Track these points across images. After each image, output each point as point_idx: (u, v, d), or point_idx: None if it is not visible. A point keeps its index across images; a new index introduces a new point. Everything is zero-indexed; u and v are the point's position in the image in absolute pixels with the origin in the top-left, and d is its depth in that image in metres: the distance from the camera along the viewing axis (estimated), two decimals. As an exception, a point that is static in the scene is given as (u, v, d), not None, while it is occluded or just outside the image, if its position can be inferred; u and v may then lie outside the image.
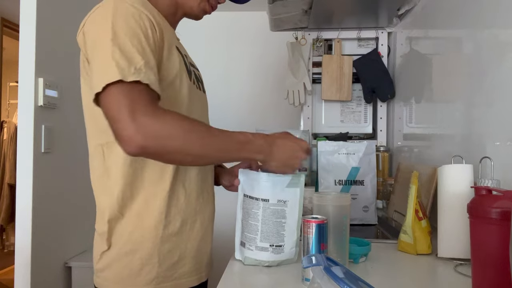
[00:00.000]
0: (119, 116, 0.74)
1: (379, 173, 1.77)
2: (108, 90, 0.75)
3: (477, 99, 1.13)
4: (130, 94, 0.75)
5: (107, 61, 0.76)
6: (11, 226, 3.88)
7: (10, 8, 3.18)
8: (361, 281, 0.61)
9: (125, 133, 0.73)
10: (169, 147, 0.76)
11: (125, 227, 0.88)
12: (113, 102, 0.75)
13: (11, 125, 3.98)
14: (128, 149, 0.75)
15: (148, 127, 0.74)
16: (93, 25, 0.83)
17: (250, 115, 2.65)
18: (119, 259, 0.88)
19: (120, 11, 0.81)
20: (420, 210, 1.04)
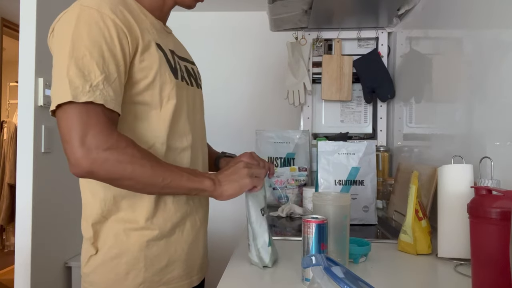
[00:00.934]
0: (69, 138, 0.73)
1: (379, 173, 1.77)
2: (62, 109, 0.75)
3: (477, 99, 1.13)
4: (82, 116, 0.74)
5: (61, 78, 0.75)
6: (11, 226, 3.88)
7: (10, 8, 3.18)
8: (361, 281, 0.61)
9: (73, 156, 0.73)
10: (117, 174, 0.76)
11: (110, 231, 0.87)
12: (64, 123, 0.74)
13: (11, 125, 3.98)
14: (75, 172, 0.75)
15: (97, 153, 0.73)
16: (57, 35, 0.81)
17: (250, 115, 2.65)
18: (105, 263, 0.87)
19: (83, 19, 0.78)
20: (420, 210, 1.04)
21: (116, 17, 0.80)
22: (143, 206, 0.87)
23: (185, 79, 0.95)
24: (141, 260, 0.86)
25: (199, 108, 1.03)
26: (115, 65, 0.78)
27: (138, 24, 0.84)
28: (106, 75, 0.76)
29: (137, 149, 0.79)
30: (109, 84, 0.77)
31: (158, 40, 0.89)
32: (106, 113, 0.76)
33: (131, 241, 0.86)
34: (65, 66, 0.75)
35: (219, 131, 2.33)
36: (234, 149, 2.24)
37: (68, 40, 0.77)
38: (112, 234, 0.86)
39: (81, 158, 0.73)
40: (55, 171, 1.79)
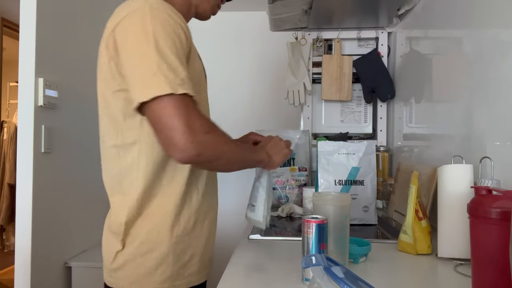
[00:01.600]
0: (175, 125, 0.78)
1: (379, 173, 1.77)
2: (160, 100, 0.78)
3: (477, 99, 1.13)
4: (182, 106, 0.79)
5: (153, 72, 0.79)
6: (11, 226, 3.88)
7: (10, 8, 3.18)
8: (361, 281, 0.61)
9: (180, 142, 0.78)
10: (217, 154, 0.86)
11: (142, 227, 0.90)
12: (167, 112, 0.78)
13: (11, 125, 3.98)
14: (183, 156, 0.79)
15: (201, 137, 0.80)
16: (129, 32, 0.83)
17: (250, 115, 2.65)
18: (134, 258, 0.90)
19: (156, 18, 0.81)
20: (420, 210, 1.04)
21: (181, 21, 0.86)
22: (172, 203, 0.91)
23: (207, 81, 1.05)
24: (170, 255, 0.91)
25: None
26: (185, 64, 0.84)
27: (188, 31, 0.91)
28: (186, 72, 0.82)
29: (226, 135, 0.90)
30: (189, 79, 0.82)
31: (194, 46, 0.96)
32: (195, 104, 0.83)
33: (162, 237, 0.90)
34: (154, 62, 0.79)
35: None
36: (234, 149, 2.24)
37: (150, 37, 0.80)
38: (145, 231, 0.90)
39: (190, 143, 0.78)
40: (55, 171, 1.79)
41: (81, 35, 2.02)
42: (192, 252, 0.95)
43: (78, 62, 2.00)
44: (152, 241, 0.90)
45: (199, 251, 0.97)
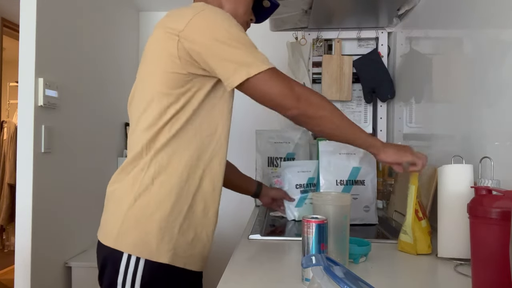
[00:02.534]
0: (283, 89, 0.93)
1: (379, 173, 1.76)
2: (265, 73, 0.92)
3: (477, 99, 1.13)
4: (280, 75, 0.94)
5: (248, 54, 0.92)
6: (11, 226, 3.88)
7: (10, 8, 3.18)
8: (361, 281, 0.61)
9: (292, 101, 0.93)
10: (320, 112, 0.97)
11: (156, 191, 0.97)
12: (274, 81, 0.93)
13: (11, 125, 3.98)
14: (292, 113, 0.95)
15: (306, 97, 0.95)
16: (204, 29, 0.93)
17: (250, 115, 2.64)
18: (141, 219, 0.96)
19: (224, 15, 0.95)
20: (420, 210, 1.04)
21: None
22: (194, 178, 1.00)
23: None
24: (176, 226, 0.97)
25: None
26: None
27: None
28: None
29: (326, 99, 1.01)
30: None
31: None
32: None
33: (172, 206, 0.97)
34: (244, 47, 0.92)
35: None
36: (234, 149, 2.23)
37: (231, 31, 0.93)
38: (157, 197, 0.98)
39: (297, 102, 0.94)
40: (55, 171, 1.79)
41: (81, 35, 2.02)
42: (195, 236, 0.99)
43: (78, 62, 2.00)
44: (165, 209, 0.95)
45: (201, 238, 1.01)
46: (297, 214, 1.47)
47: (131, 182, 0.97)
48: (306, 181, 1.51)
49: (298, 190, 1.49)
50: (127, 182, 0.98)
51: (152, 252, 0.94)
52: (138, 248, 0.94)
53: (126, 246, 0.94)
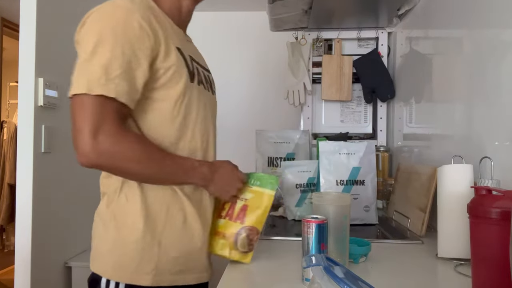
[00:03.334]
0: (81, 128, 0.78)
1: (379, 173, 1.77)
2: (78, 98, 0.80)
3: (477, 99, 1.13)
4: (96, 108, 0.79)
5: (82, 69, 0.81)
6: (11, 226, 3.88)
7: (10, 8, 3.18)
8: (361, 281, 0.61)
9: (82, 147, 0.78)
10: (122, 168, 0.83)
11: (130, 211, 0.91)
12: (78, 112, 0.80)
13: (11, 125, 3.98)
14: (82, 162, 0.80)
15: (105, 147, 0.79)
16: (86, 29, 0.86)
17: (250, 115, 2.65)
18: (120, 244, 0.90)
19: (113, 17, 0.83)
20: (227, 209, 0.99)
21: (142, 19, 0.85)
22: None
23: (203, 83, 1.00)
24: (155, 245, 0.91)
25: (212, 114, 1.07)
26: (136, 63, 0.83)
27: (162, 30, 0.89)
28: (123, 71, 0.81)
29: (143, 145, 0.85)
30: (125, 79, 0.81)
31: (178, 45, 0.94)
32: (117, 107, 0.81)
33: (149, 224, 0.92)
34: (87, 59, 0.81)
35: (219, 131, 2.32)
36: (234, 149, 2.23)
37: (95, 35, 0.82)
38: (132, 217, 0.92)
39: (90, 151, 0.78)
40: (55, 171, 1.79)
41: (81, 35, 2.02)
42: (182, 248, 0.92)
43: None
44: (138, 228, 0.88)
45: (192, 249, 0.93)
46: (297, 214, 1.47)
47: (105, 201, 0.92)
48: (306, 181, 1.51)
49: (298, 190, 1.49)
50: (103, 201, 0.93)
51: (132, 275, 0.87)
52: (117, 272, 0.88)
53: (105, 270, 0.90)
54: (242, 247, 0.94)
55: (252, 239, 0.94)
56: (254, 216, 0.95)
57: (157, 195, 0.90)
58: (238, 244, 0.94)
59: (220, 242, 0.96)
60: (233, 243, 0.94)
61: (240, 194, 0.99)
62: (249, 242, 0.94)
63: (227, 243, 0.95)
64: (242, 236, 0.94)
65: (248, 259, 0.95)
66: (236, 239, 0.94)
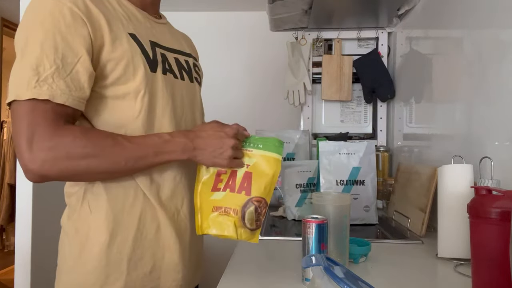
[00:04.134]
0: (17, 142, 0.70)
1: (379, 173, 1.77)
2: (11, 109, 0.72)
3: (477, 99, 1.13)
4: (28, 116, 0.70)
5: (13, 74, 0.73)
6: (11, 226, 3.88)
7: (10, 8, 3.18)
8: (361, 281, 0.61)
9: (22, 162, 0.70)
10: (72, 171, 0.73)
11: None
12: (13, 124, 0.71)
13: (11, 125, 3.98)
14: (28, 178, 0.72)
15: (45, 155, 0.70)
16: (17, 31, 0.77)
17: (250, 115, 2.64)
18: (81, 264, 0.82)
19: (39, 10, 0.74)
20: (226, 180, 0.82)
21: (74, 5, 0.74)
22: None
23: (172, 72, 0.89)
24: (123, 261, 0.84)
25: (191, 104, 0.94)
26: (73, 55, 0.73)
27: (105, 13, 0.78)
28: (58, 67, 0.71)
29: (88, 138, 0.73)
30: (61, 77, 0.72)
31: (133, 30, 0.83)
32: (55, 109, 0.71)
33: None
34: (18, 62, 0.73)
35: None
36: (234, 149, 2.23)
37: (24, 34, 0.74)
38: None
39: (29, 163, 0.70)
40: (55, 171, 1.79)
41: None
42: (156, 263, 0.83)
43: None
44: (102, 241, 0.80)
45: (167, 262, 0.84)
46: (297, 214, 1.47)
47: (67, 212, 0.86)
48: (306, 181, 1.51)
49: (298, 190, 1.49)
50: (65, 213, 0.87)
51: None
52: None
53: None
54: (250, 223, 0.77)
55: (261, 213, 0.79)
56: (262, 184, 0.79)
57: (125, 202, 0.81)
58: (246, 219, 0.77)
59: (220, 220, 0.79)
60: (239, 219, 0.77)
61: (240, 156, 0.82)
62: (257, 216, 0.78)
63: (231, 220, 0.78)
64: (250, 209, 0.77)
65: (256, 238, 0.79)
66: (243, 214, 0.77)
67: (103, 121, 0.80)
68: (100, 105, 0.79)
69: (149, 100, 0.82)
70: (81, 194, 0.83)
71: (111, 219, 0.80)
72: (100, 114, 0.80)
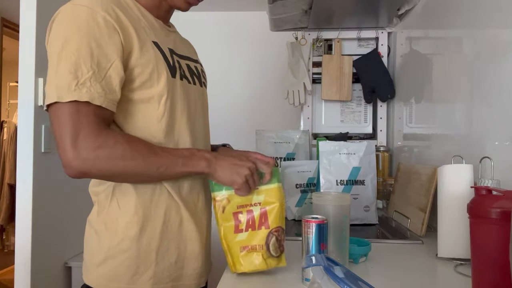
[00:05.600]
0: (60, 140, 0.76)
1: (379, 173, 1.77)
2: (52, 109, 0.77)
3: (477, 99, 1.13)
4: (72, 116, 0.75)
5: (50, 78, 0.77)
6: (11, 226, 3.88)
7: (10, 8, 3.18)
8: (361, 281, 0.61)
9: (64, 158, 0.76)
10: (110, 171, 0.80)
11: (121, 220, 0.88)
12: (55, 123, 0.77)
13: (11, 125, 3.98)
14: (68, 173, 0.78)
15: (87, 154, 0.76)
16: (51, 35, 0.81)
17: (250, 115, 2.65)
18: (115, 254, 0.87)
19: (74, 17, 0.79)
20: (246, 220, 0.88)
21: (107, 14, 0.80)
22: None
23: (186, 77, 0.95)
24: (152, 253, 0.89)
25: (202, 107, 1.01)
26: (106, 61, 0.79)
27: (132, 22, 0.84)
28: (94, 72, 0.77)
29: (128, 143, 0.80)
30: (97, 81, 0.77)
31: (155, 38, 0.89)
32: (95, 111, 0.78)
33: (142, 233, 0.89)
34: (54, 66, 0.77)
35: (219, 131, 2.32)
36: (234, 148, 2.23)
37: (60, 40, 0.78)
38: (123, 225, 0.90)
39: (72, 160, 0.75)
40: (55, 171, 1.79)
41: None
42: (180, 253, 0.89)
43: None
44: (132, 235, 0.85)
45: (190, 252, 0.91)
46: (297, 214, 1.47)
47: (96, 209, 0.90)
48: (306, 181, 1.51)
49: (298, 190, 1.49)
50: (94, 209, 0.91)
51: (129, 285, 0.84)
52: (112, 284, 0.85)
53: (99, 282, 0.86)
54: (275, 252, 0.87)
55: (281, 240, 0.87)
56: (276, 215, 0.87)
57: (152, 199, 0.87)
58: (271, 250, 0.86)
59: (249, 257, 0.86)
60: (265, 252, 0.86)
61: (254, 178, 0.88)
62: (279, 243, 0.87)
63: (259, 254, 0.86)
64: (272, 240, 0.87)
65: (283, 261, 0.88)
66: (268, 246, 0.86)
67: (130, 123, 0.86)
68: (128, 109, 0.85)
69: (170, 104, 0.88)
70: (110, 192, 0.88)
71: (140, 214, 0.86)
72: (127, 117, 0.86)
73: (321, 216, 0.83)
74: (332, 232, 0.86)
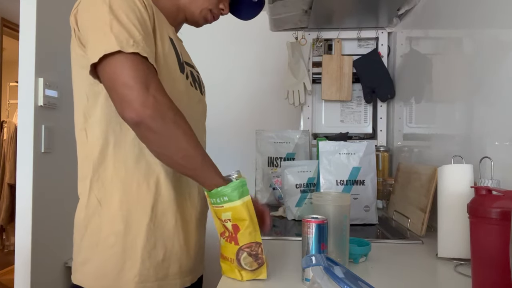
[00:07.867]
0: (133, 83, 0.73)
1: (379, 173, 1.77)
2: (111, 59, 0.74)
3: (477, 99, 1.13)
4: (138, 65, 0.75)
5: (105, 33, 0.76)
6: (11, 226, 3.88)
7: (10, 8, 3.18)
8: (361, 281, 0.61)
9: (137, 100, 0.72)
10: (168, 131, 0.75)
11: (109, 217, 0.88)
12: (121, 69, 0.74)
13: (11, 125, 3.98)
14: (133, 116, 0.73)
15: (160, 99, 0.75)
16: (88, 4, 0.82)
17: (250, 115, 2.64)
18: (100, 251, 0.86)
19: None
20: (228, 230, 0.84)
21: (146, 2, 0.85)
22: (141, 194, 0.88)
23: (190, 81, 0.98)
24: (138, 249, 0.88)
25: (201, 113, 1.04)
26: (149, 30, 0.82)
27: (156, 13, 0.88)
28: (143, 36, 0.79)
29: (178, 111, 0.79)
30: (147, 44, 0.79)
31: (171, 35, 0.94)
32: (152, 68, 0.78)
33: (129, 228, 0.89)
34: (106, 24, 0.76)
35: (219, 131, 2.33)
36: (234, 149, 2.22)
37: (106, 5, 0.78)
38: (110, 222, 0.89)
39: (145, 102, 0.73)
40: (55, 171, 1.79)
41: (81, 35, 2.02)
42: (167, 251, 0.87)
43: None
44: (116, 231, 0.84)
45: (176, 251, 0.89)
46: (297, 214, 1.47)
47: (78, 206, 0.89)
48: (306, 181, 1.51)
49: (298, 190, 1.49)
50: (79, 206, 0.89)
51: (114, 283, 0.83)
52: (98, 282, 0.84)
53: (86, 280, 0.85)
54: (249, 266, 0.81)
55: (257, 253, 0.81)
56: (246, 231, 0.81)
57: (138, 195, 0.85)
58: (243, 264, 0.81)
59: (228, 265, 0.85)
60: (237, 266, 0.82)
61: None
62: (254, 258, 0.81)
63: (234, 266, 0.83)
64: (243, 256, 0.81)
65: (264, 274, 0.83)
66: (239, 261, 0.81)
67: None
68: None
69: (173, 95, 0.86)
70: (87, 188, 0.86)
71: (124, 208, 0.84)
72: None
73: (321, 216, 0.83)
74: (332, 232, 0.86)
